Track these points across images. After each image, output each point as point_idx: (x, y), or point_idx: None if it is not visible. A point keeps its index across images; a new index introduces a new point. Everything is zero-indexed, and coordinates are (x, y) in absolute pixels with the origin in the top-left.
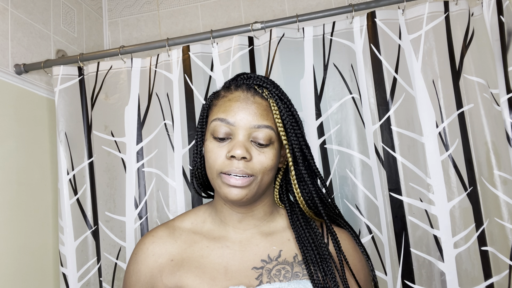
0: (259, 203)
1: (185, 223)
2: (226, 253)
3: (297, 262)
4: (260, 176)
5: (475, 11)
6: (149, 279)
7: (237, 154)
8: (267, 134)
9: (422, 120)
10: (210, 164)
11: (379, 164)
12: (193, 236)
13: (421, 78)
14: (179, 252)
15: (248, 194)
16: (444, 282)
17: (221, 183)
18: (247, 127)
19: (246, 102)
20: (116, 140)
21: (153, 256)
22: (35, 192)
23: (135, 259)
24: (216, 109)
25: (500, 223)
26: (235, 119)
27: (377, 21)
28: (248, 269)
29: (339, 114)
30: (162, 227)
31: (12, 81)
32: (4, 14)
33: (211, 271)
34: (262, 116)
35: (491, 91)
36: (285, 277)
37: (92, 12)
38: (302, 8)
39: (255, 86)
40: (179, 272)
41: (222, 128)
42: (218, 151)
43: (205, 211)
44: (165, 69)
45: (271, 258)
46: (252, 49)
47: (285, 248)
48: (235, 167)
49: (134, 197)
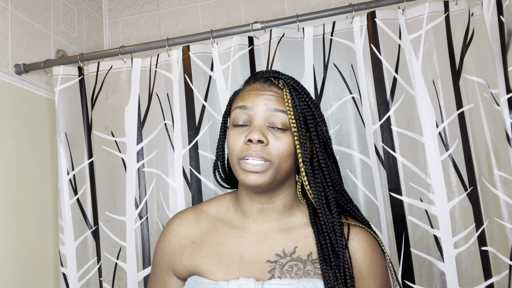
0: (279, 194)
1: (211, 208)
2: (243, 244)
3: (310, 261)
4: (277, 162)
5: (475, 11)
6: (171, 257)
7: (253, 138)
8: (283, 118)
9: (422, 120)
10: (230, 151)
11: (379, 164)
12: (216, 223)
13: (421, 78)
14: (200, 236)
15: (266, 180)
16: (444, 282)
17: (240, 170)
18: (263, 112)
19: (263, 90)
20: (116, 140)
21: (178, 237)
22: (35, 192)
23: (164, 237)
24: (236, 100)
25: (500, 223)
26: (253, 104)
27: (377, 21)
28: (262, 262)
29: (339, 114)
30: (190, 210)
31: (12, 81)
32: (4, 14)
33: (227, 259)
34: (278, 102)
35: (491, 91)
36: (296, 274)
37: (92, 12)
38: (302, 8)
39: (271, 78)
40: (197, 255)
41: (241, 115)
42: (238, 138)
43: (229, 200)
44: (165, 69)
45: (286, 254)
46: (252, 49)
47: (300, 245)
48: (252, 150)
49: (134, 197)
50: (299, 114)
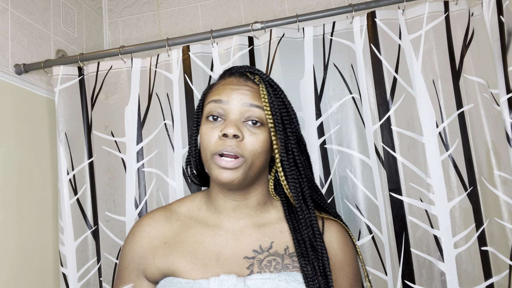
0: (253, 191)
1: (182, 208)
2: (219, 241)
3: (287, 255)
4: (250, 159)
5: (475, 11)
6: (142, 259)
7: (229, 132)
8: (259, 114)
9: (422, 120)
10: (204, 146)
11: (379, 164)
12: (189, 222)
13: (421, 78)
14: (173, 236)
15: (239, 176)
16: (444, 282)
17: (213, 165)
18: (239, 107)
19: (239, 85)
20: (116, 140)
21: (148, 238)
22: (35, 192)
23: (131, 239)
24: (210, 94)
25: (500, 223)
26: (228, 98)
27: (377, 21)
28: (240, 258)
29: (339, 114)
30: (160, 210)
31: (12, 81)
32: (4, 14)
33: (204, 258)
34: (254, 97)
35: (491, 91)
36: (275, 268)
37: (92, 12)
38: (302, 8)
39: (247, 73)
40: (171, 256)
41: (216, 109)
42: (212, 132)
43: (201, 199)
44: (165, 69)
45: (263, 249)
46: (252, 49)
47: (277, 240)
48: (228, 145)
49: (134, 197)
50: (276, 109)
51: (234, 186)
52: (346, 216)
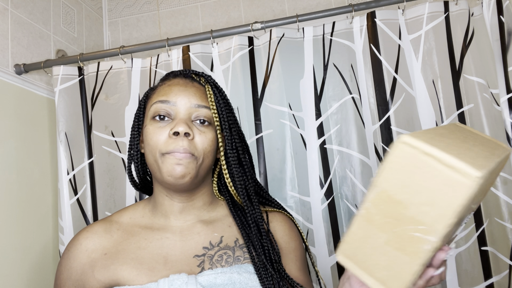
0: (198, 192)
1: (124, 218)
2: (166, 244)
3: (238, 246)
4: (201, 157)
5: (475, 11)
6: (80, 276)
7: (180, 130)
8: (207, 113)
9: (422, 120)
10: (151, 146)
11: (379, 164)
12: (131, 229)
13: (421, 78)
14: (114, 245)
15: (191, 172)
16: (444, 282)
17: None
18: (188, 107)
19: (186, 86)
20: (116, 140)
21: (86, 252)
22: (35, 192)
23: (67, 255)
24: (155, 95)
25: (500, 223)
26: (176, 99)
27: (377, 21)
28: (190, 258)
29: (339, 114)
30: (99, 222)
31: (12, 81)
32: (4, 14)
33: (150, 262)
34: (201, 98)
35: (491, 91)
36: (227, 262)
37: (92, 12)
38: (302, 8)
39: (192, 74)
40: (113, 265)
41: (163, 109)
42: (160, 131)
43: (144, 207)
44: (165, 69)
45: (213, 245)
46: (252, 49)
47: (226, 234)
48: (179, 145)
49: (134, 197)
50: (222, 110)
51: (185, 184)
52: (346, 216)
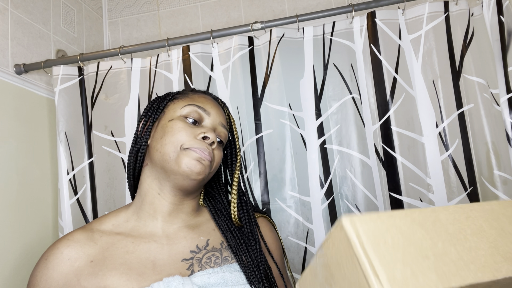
0: (189, 196)
1: (105, 225)
2: (153, 248)
3: (224, 248)
4: (213, 167)
5: (475, 11)
6: (62, 286)
7: (211, 137)
8: (225, 134)
9: (422, 120)
10: (175, 138)
11: (379, 164)
12: (115, 235)
13: (421, 78)
14: (100, 252)
15: (205, 174)
16: None
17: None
18: (217, 122)
19: (217, 105)
20: (116, 140)
21: (69, 261)
22: (35, 192)
23: (45, 265)
24: (188, 99)
25: None
26: (211, 111)
27: (377, 21)
28: (178, 261)
29: (339, 114)
30: (78, 230)
31: (12, 81)
32: (4, 14)
33: (138, 267)
34: (225, 120)
35: (491, 91)
36: (215, 263)
37: (92, 12)
38: (302, 8)
39: (218, 100)
40: (101, 272)
41: (197, 113)
42: (189, 130)
43: (127, 211)
44: (165, 69)
45: (200, 248)
46: (252, 49)
47: (212, 237)
48: (205, 147)
49: None
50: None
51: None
52: None
